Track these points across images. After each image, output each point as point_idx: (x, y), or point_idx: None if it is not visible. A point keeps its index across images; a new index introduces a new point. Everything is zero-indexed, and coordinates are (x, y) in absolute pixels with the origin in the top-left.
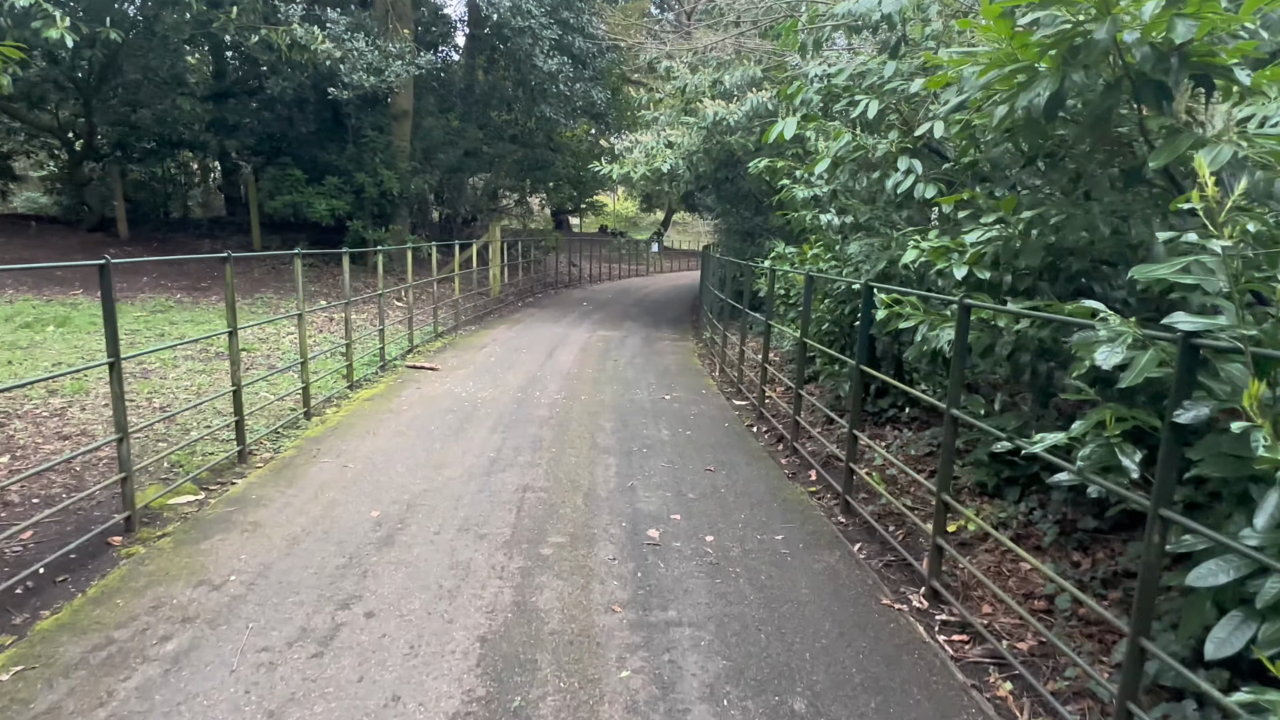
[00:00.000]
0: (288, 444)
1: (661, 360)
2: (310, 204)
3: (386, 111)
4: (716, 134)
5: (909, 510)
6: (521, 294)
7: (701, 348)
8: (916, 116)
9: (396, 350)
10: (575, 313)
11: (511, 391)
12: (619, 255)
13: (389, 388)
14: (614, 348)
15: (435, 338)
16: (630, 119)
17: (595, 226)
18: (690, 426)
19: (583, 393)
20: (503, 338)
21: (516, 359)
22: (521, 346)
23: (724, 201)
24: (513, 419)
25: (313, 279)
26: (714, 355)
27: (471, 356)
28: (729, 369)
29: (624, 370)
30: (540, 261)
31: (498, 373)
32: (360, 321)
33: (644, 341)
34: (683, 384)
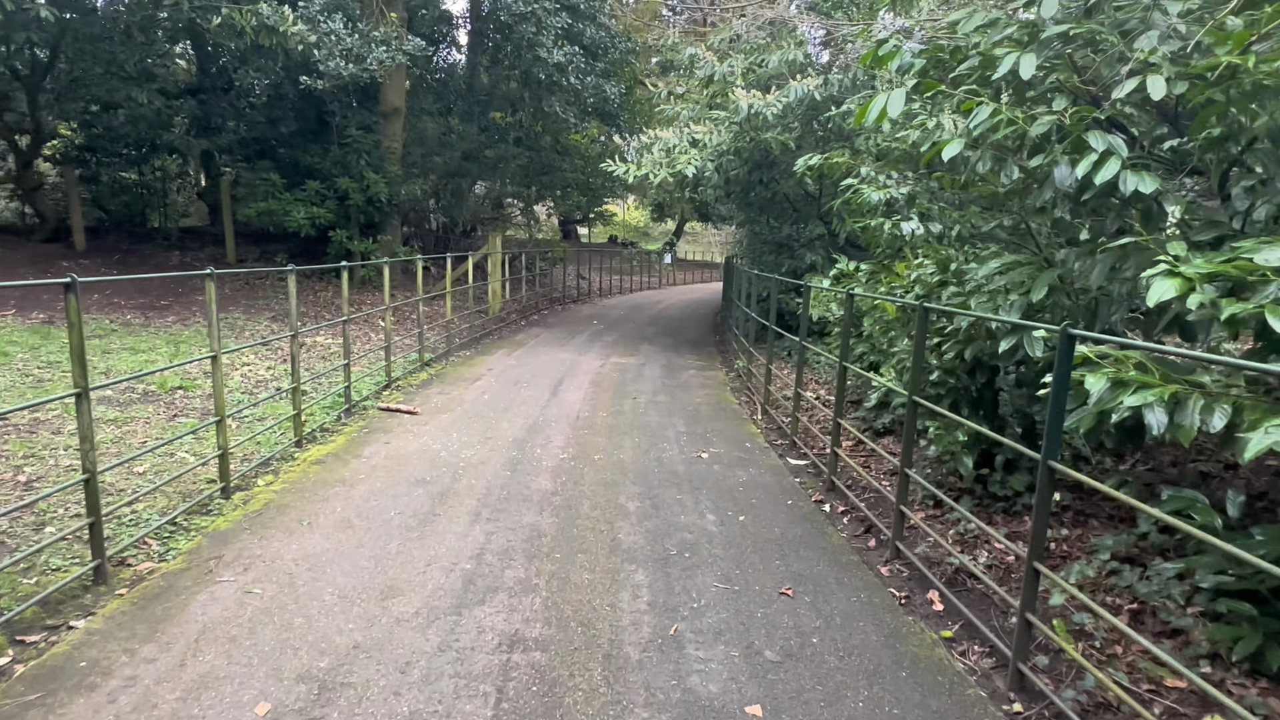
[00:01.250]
0: (181, 545)
1: (689, 397)
2: (287, 212)
3: (375, 109)
4: (750, 130)
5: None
6: (525, 311)
7: (734, 379)
8: (1104, 76)
9: (371, 385)
10: (585, 333)
11: (505, 448)
12: (630, 267)
13: (349, 442)
14: (631, 379)
15: (421, 367)
16: (646, 117)
17: (604, 237)
18: (743, 506)
19: (596, 449)
20: (501, 366)
21: (515, 397)
22: (522, 379)
23: (751, 209)
24: (503, 496)
25: None
26: (751, 390)
27: (461, 393)
28: (773, 409)
29: (645, 412)
30: (546, 274)
31: (490, 418)
32: (337, 348)
33: (665, 371)
34: (720, 433)
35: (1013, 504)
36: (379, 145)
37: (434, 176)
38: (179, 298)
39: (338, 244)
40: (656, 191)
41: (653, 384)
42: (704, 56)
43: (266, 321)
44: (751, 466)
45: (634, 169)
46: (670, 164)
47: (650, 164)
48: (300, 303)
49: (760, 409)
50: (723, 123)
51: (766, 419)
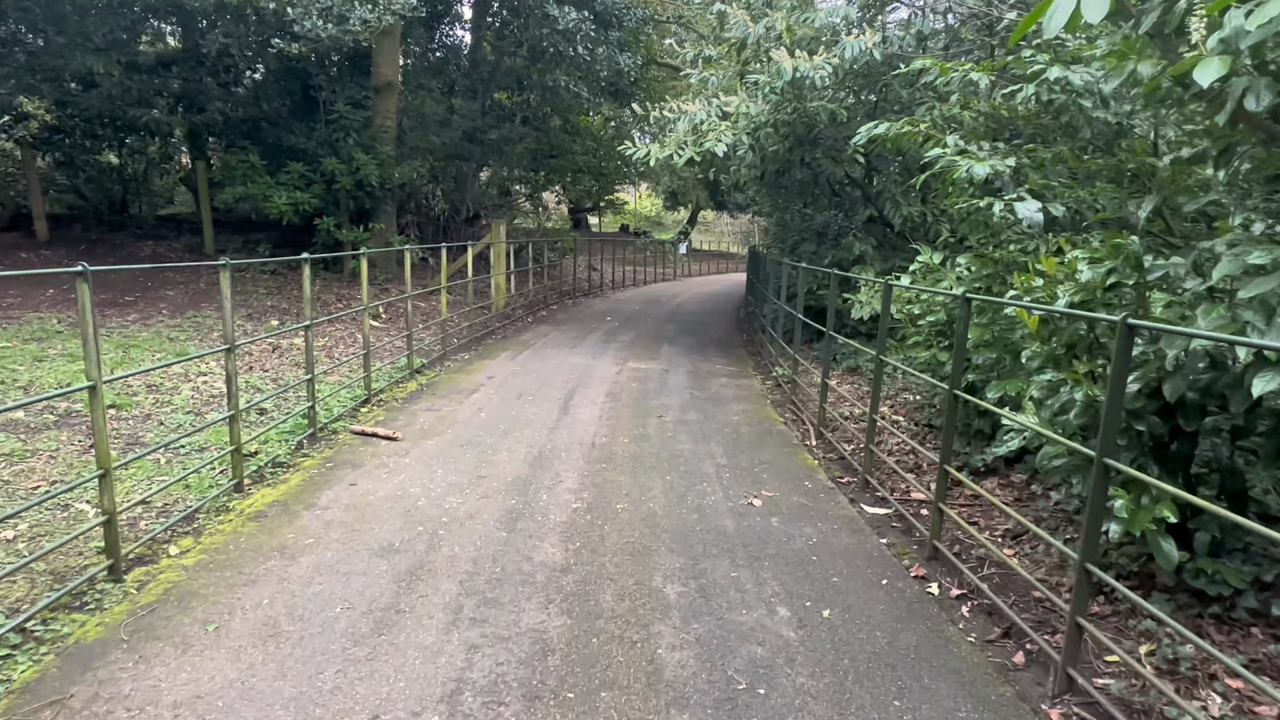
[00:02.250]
0: (14, 676)
1: (724, 414)
2: (267, 197)
3: (365, 83)
4: (793, 98)
5: None
6: (532, 306)
7: (772, 389)
8: None
9: (348, 400)
10: (598, 331)
11: (502, 492)
12: (643, 257)
13: (305, 484)
14: (653, 390)
15: (410, 375)
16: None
17: (615, 226)
18: (823, 589)
19: (618, 492)
20: (503, 373)
21: (518, 415)
22: (527, 390)
23: (783, 194)
24: (496, 574)
25: (272, 290)
26: (798, 406)
27: (454, 410)
28: (829, 430)
29: (674, 436)
30: (555, 266)
31: (486, 445)
32: (318, 351)
33: (692, 378)
34: (770, 466)
35: (1230, 607)
36: (370, 123)
37: (432, 159)
38: (146, 293)
39: (324, 232)
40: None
41: (679, 396)
42: (735, 15)
43: (240, 321)
44: (819, 518)
45: (656, 150)
46: (698, 141)
47: (675, 142)
48: (281, 298)
49: (813, 431)
50: (761, 89)
51: (822, 444)
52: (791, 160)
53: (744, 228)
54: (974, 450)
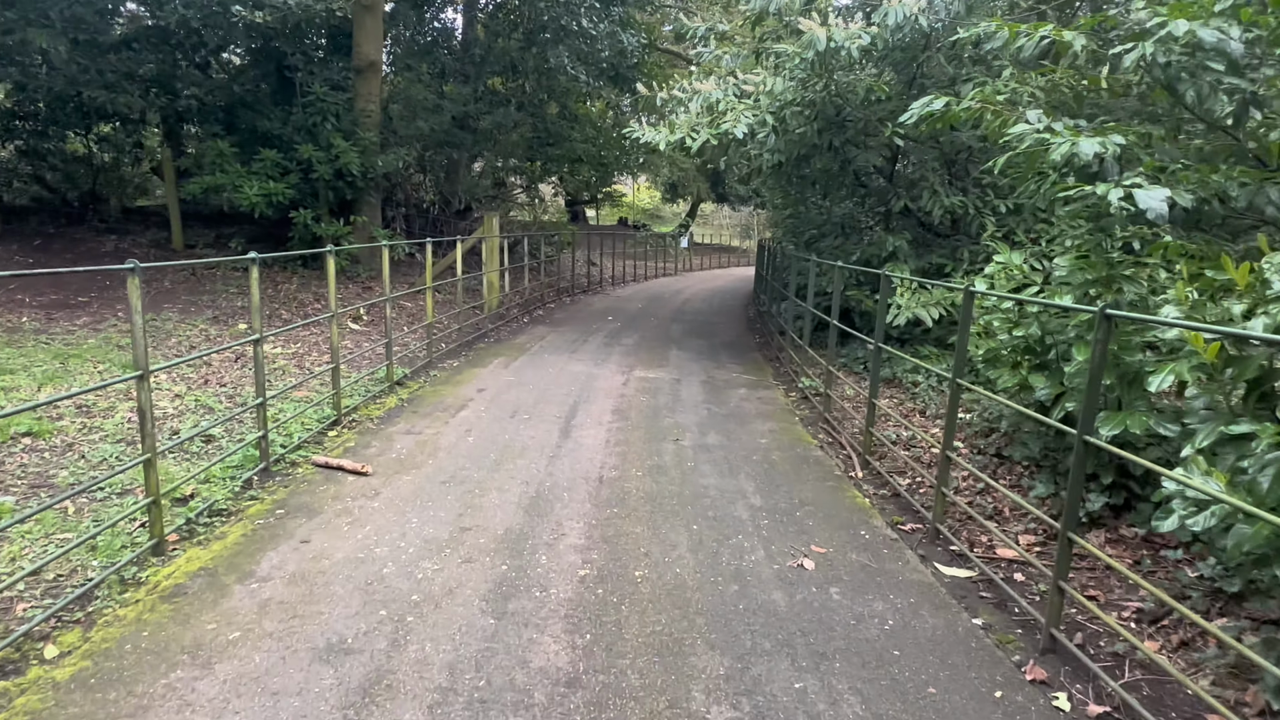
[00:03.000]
0: None
1: (750, 435)
2: (237, 187)
3: (345, 63)
4: (823, 73)
5: None
6: (528, 305)
7: (798, 402)
8: None
9: (315, 422)
10: (599, 334)
11: (490, 551)
12: (643, 251)
13: (243, 543)
14: (666, 405)
15: (390, 389)
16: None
17: (613, 219)
18: (920, 710)
19: (635, 551)
20: (495, 385)
21: (511, 439)
22: (522, 406)
23: (797, 184)
24: (479, 693)
25: (244, 289)
26: (833, 426)
27: (436, 433)
28: (875, 457)
29: (696, 466)
30: (553, 261)
31: (473, 482)
32: (286, 360)
33: (707, 390)
34: (815, 507)
35: None
36: (351, 107)
37: (420, 146)
38: (103, 293)
39: (301, 226)
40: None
41: (696, 413)
42: None
43: (204, 324)
44: (889, 586)
45: (666, 134)
46: (714, 123)
47: (687, 125)
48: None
49: (857, 460)
50: (788, 62)
51: (870, 475)
52: (818, 145)
53: (744, 220)
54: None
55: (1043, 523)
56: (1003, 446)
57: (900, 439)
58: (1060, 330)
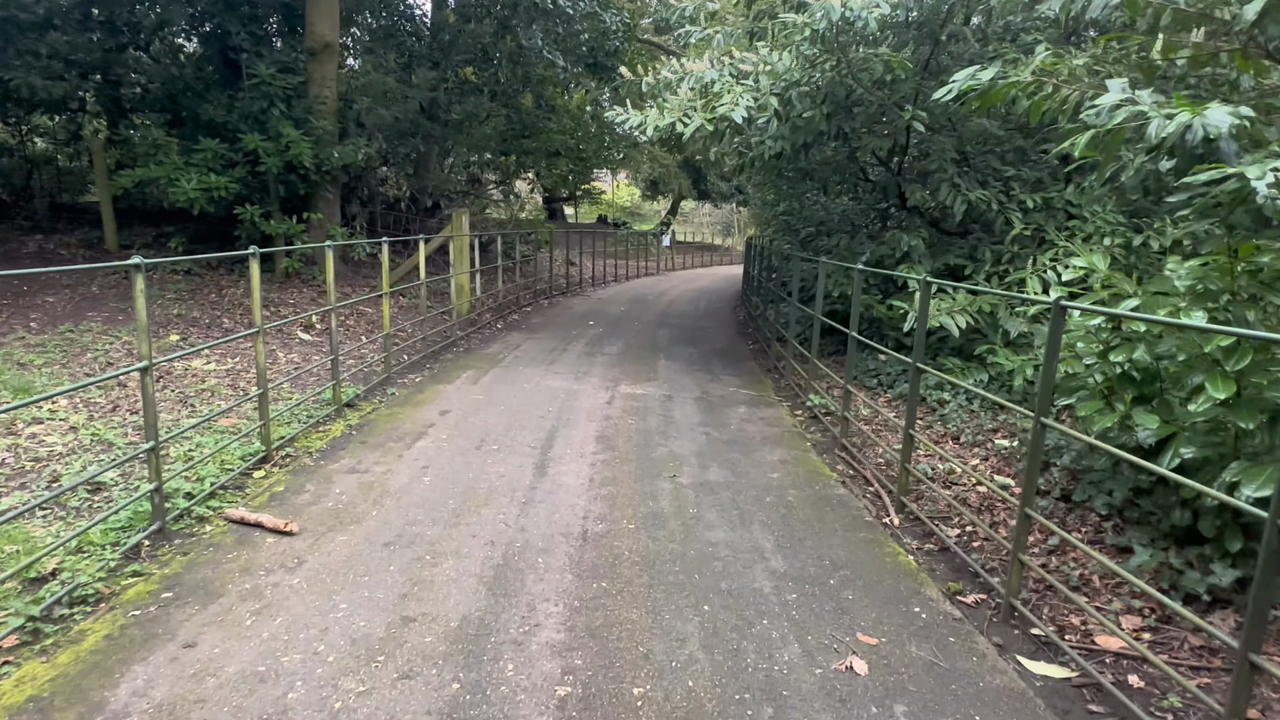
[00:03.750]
0: None
1: (758, 467)
2: (173, 181)
3: (297, 44)
4: (835, 49)
5: None
6: (502, 309)
7: (808, 421)
8: None
9: (236, 461)
10: (580, 341)
11: (439, 662)
12: (624, 250)
13: (103, 653)
14: (657, 430)
15: (337, 412)
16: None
17: (592, 216)
18: None
19: (631, 654)
20: (460, 406)
21: (475, 479)
22: (491, 433)
23: (796, 175)
24: None
25: (183, 295)
26: (849, 448)
27: (385, 472)
28: (910, 496)
29: (699, 514)
30: (529, 260)
31: (425, 544)
32: (219, 379)
33: (703, 407)
34: (852, 573)
35: None
36: (303, 93)
37: (382, 137)
38: (20, 299)
39: (248, 224)
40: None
41: (693, 438)
42: None
43: (129, 336)
44: (970, 701)
45: (654, 118)
46: (708, 106)
47: (678, 108)
48: (194, 305)
49: (889, 501)
50: (798, 33)
51: (906, 519)
52: (824, 132)
53: (725, 218)
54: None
55: (1150, 598)
56: (1068, 486)
57: (938, 473)
58: (1179, 355)
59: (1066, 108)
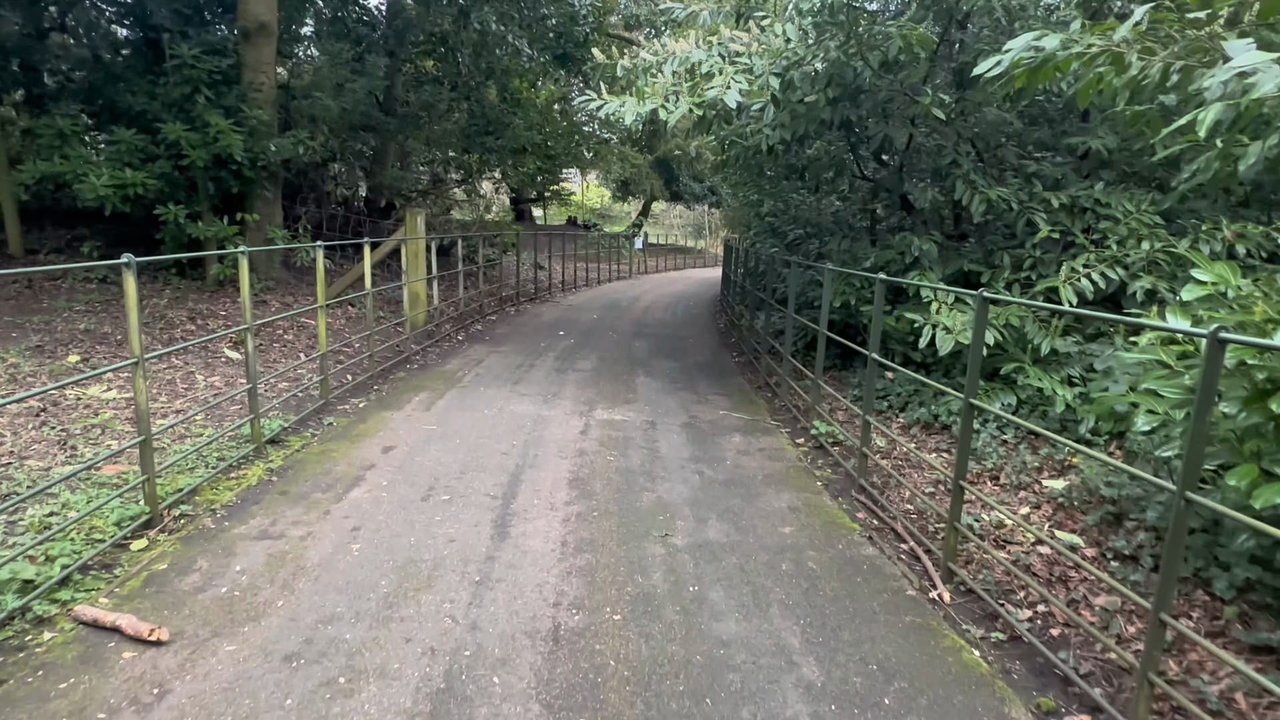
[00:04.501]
0: None
1: (765, 519)
2: (80, 176)
3: (229, 22)
4: (845, 24)
5: None
6: (464, 319)
7: (814, 453)
8: None
9: (109, 527)
10: (550, 355)
11: None
12: (595, 253)
13: None
14: (641, 467)
15: (255, 453)
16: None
17: (562, 218)
18: None
19: None
20: (408, 441)
21: (418, 548)
22: (441, 478)
23: (784, 174)
24: None
25: (95, 307)
26: (869, 490)
27: (304, 539)
28: (960, 559)
29: (702, 594)
30: (495, 265)
31: (341, 658)
32: (117, 411)
33: (693, 437)
34: (908, 684)
35: None
36: (235, 78)
37: (328, 129)
38: None
39: (172, 226)
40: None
41: (684, 478)
42: None
43: (17, 356)
44: None
45: (634, 103)
46: (695, 90)
47: (660, 92)
48: (105, 318)
49: (932, 566)
50: (795, 8)
51: (957, 592)
52: (828, 121)
53: (698, 220)
54: None
55: None
56: (1152, 547)
57: (983, 525)
58: None
59: (1148, 83)
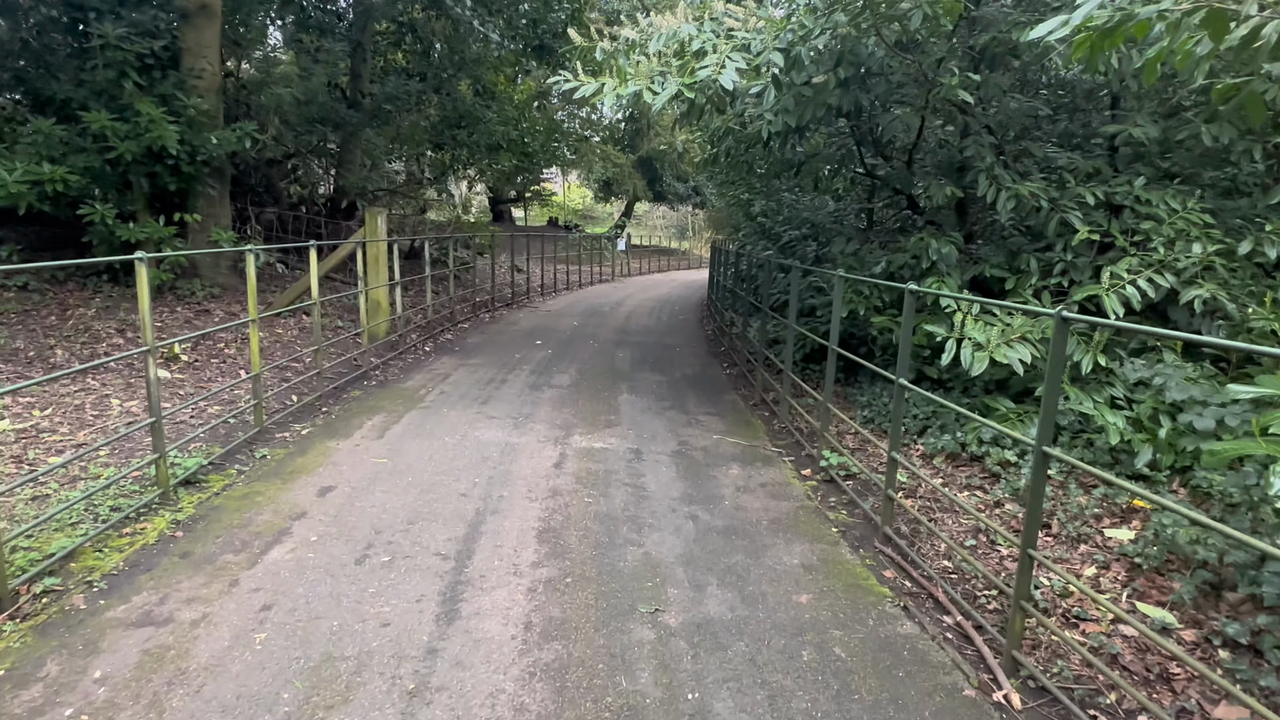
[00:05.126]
0: None
1: (775, 581)
2: None
3: (167, 3)
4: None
5: None
6: (432, 328)
7: (827, 489)
8: None
9: None
10: (524, 369)
11: None
12: (576, 255)
13: None
14: (625, 512)
15: (161, 499)
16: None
17: (543, 219)
18: None
19: None
20: (352, 479)
21: (340, 637)
22: (382, 531)
23: (776, 170)
24: None
25: (16, 316)
26: (894, 540)
27: (196, 624)
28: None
29: (707, 705)
30: (469, 268)
31: None
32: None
33: (684, 470)
34: None
35: None
36: (173, 62)
37: (279, 121)
38: None
39: (100, 226)
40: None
41: (676, 529)
42: None
43: None
44: None
45: (614, 84)
46: (686, 69)
47: (645, 73)
48: (22, 332)
49: (994, 651)
50: None
51: (1027, 691)
52: (836, 107)
53: (680, 220)
54: None
55: None
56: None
57: (1044, 591)
58: None
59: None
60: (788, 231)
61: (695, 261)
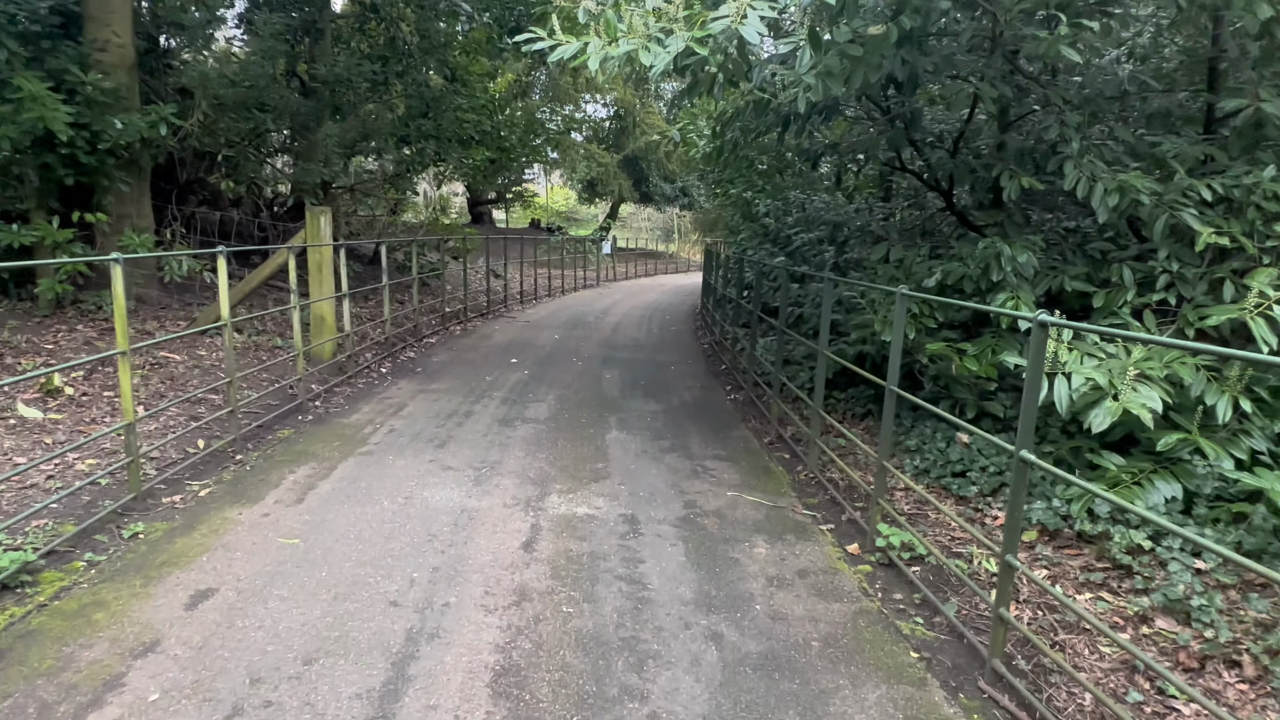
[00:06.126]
0: None
1: None
2: None
3: None
4: None
5: None
6: (390, 345)
7: (887, 576)
8: None
9: None
10: (495, 396)
11: None
12: (558, 259)
13: None
14: (618, 633)
15: None
16: None
17: (525, 221)
18: None
19: None
20: (242, 575)
21: None
22: (262, 679)
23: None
24: None
25: None
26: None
27: None
28: None
29: None
30: (439, 273)
31: None
32: None
33: (693, 552)
34: None
35: None
36: (70, 31)
37: (206, 107)
38: None
39: None
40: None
41: (691, 662)
42: None
43: None
44: None
45: (601, 43)
46: (695, 20)
47: (641, 30)
48: None
49: None
50: None
51: None
52: (890, 73)
53: (666, 223)
54: None
55: None
56: None
57: None
58: None
59: None
60: (799, 235)
61: (684, 265)
